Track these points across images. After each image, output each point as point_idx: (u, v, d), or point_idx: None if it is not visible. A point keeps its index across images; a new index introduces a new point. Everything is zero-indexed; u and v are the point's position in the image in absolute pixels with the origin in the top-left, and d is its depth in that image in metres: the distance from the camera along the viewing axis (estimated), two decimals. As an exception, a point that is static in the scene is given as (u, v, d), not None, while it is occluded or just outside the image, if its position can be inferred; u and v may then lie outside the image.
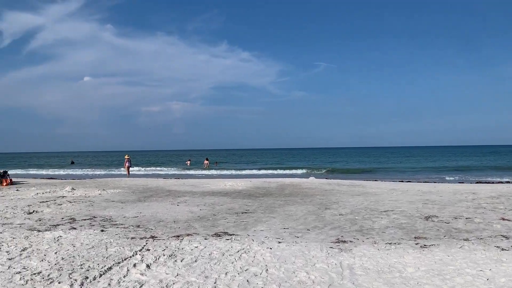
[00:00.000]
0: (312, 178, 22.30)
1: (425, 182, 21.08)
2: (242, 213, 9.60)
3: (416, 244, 6.27)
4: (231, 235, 6.98)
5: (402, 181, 21.53)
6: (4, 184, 18.28)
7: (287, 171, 36.14)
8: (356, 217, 8.86)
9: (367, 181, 20.36)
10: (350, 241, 6.55)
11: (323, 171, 35.79)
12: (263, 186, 16.85)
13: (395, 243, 6.32)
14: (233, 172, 35.99)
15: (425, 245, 6.15)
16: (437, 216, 8.79)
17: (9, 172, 20.47)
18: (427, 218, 8.65)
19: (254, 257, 5.42)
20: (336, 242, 6.47)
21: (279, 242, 6.33)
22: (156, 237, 6.76)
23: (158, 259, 5.30)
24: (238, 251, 5.71)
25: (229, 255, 5.52)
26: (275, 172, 35.80)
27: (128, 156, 29.76)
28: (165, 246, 6.01)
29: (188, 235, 6.95)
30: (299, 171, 35.59)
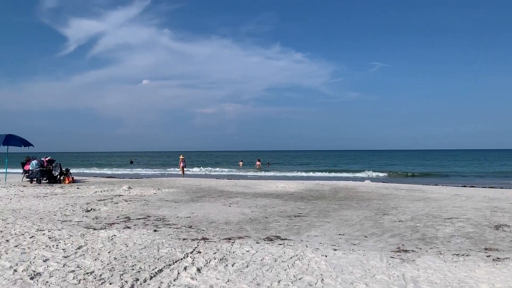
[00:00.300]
0: (367, 181, 21.52)
1: (491, 187, 19.65)
2: (295, 216, 9.31)
3: (487, 256, 5.69)
4: (283, 239, 6.72)
5: (465, 186, 20.22)
6: (67, 182, 19.18)
7: (341, 174, 35.25)
8: (417, 224, 8.29)
9: (427, 186, 19.30)
10: (413, 250, 6.07)
11: (380, 174, 34.51)
12: (316, 188, 16.44)
13: (463, 255, 5.77)
14: (285, 173, 35.70)
15: (498, 258, 5.56)
16: (508, 226, 8.02)
17: (71, 171, 21.50)
18: (497, 227, 7.92)
19: (308, 264, 5.13)
20: (397, 251, 6.02)
21: (335, 250, 5.98)
22: (208, 239, 6.65)
23: (209, 262, 5.15)
24: (291, 258, 5.44)
25: (282, 261, 5.26)
26: (328, 174, 35.07)
27: (182, 156, 30.35)
28: (216, 249, 5.87)
29: (239, 238, 6.78)
30: (354, 174, 34.54)
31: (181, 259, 5.30)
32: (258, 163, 42.72)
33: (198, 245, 6.12)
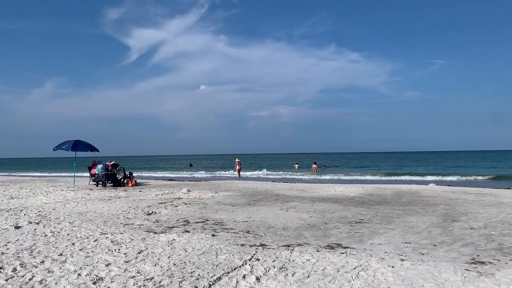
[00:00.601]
0: (432, 185, 20.40)
1: None
2: (356, 222, 8.92)
3: None
4: (345, 247, 6.40)
5: (543, 190, 18.54)
6: (130, 185, 19.90)
7: (403, 177, 33.75)
8: (492, 232, 7.62)
9: (499, 189, 17.92)
10: (490, 262, 5.53)
11: (445, 177, 32.61)
12: (377, 193, 15.78)
13: (550, 269, 5.16)
14: (343, 177, 34.83)
15: None
16: None
17: (134, 174, 22.31)
18: None
19: (374, 276, 4.80)
20: (472, 263, 5.51)
21: (402, 260, 5.58)
22: (266, 245, 6.48)
23: (268, 271, 4.98)
24: (355, 268, 5.13)
25: (345, 272, 4.97)
26: (389, 178, 33.73)
27: (238, 159, 30.56)
28: (275, 257, 5.68)
29: (298, 245, 6.55)
30: (417, 177, 32.92)
31: (240, 266, 5.18)
32: (314, 166, 42.09)
33: (256, 252, 5.97)
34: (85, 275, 4.78)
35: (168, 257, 5.63)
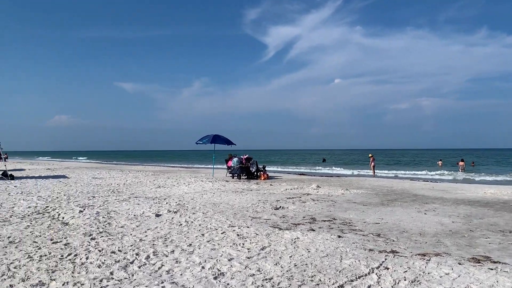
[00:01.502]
0: None
1: None
2: (510, 232, 7.59)
3: None
4: (495, 262, 5.43)
5: None
6: (262, 178, 20.47)
7: None
8: None
9: None
10: None
11: None
12: (540, 197, 13.40)
13: None
14: (494, 177, 30.72)
15: None
16: None
17: (267, 168, 22.90)
18: None
19: (533, 304, 3.91)
20: None
21: None
22: (398, 252, 5.86)
23: (398, 283, 4.43)
24: (508, 290, 4.26)
25: (494, 294, 4.16)
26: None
27: (371, 155, 29.23)
28: (408, 267, 5.07)
29: (436, 254, 5.77)
30: None
31: (365, 275, 4.72)
32: (461, 163, 37.95)
33: (386, 259, 5.42)
34: (208, 269, 4.87)
35: (290, 257, 5.45)
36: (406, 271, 4.87)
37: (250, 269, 4.88)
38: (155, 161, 66.81)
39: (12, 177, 20.24)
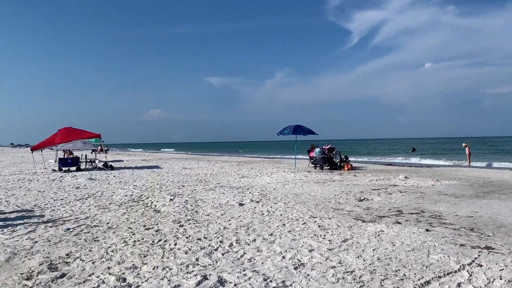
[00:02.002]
0: None
1: None
2: None
3: None
4: None
5: None
6: (346, 169, 20.05)
7: None
8: None
9: None
10: None
11: None
12: None
13: None
14: None
15: None
16: None
17: (350, 158, 22.38)
18: None
19: None
20: None
21: None
22: (493, 248, 5.41)
23: (492, 282, 4.09)
24: None
25: None
26: None
27: (466, 144, 27.22)
28: (504, 265, 4.66)
29: (540, 253, 5.23)
30: None
31: (455, 271, 4.43)
32: None
33: (479, 256, 5.03)
34: (289, 259, 4.91)
35: (373, 250, 5.29)
36: (502, 269, 4.48)
37: (331, 261, 4.83)
38: (240, 152, 68.60)
39: (112, 168, 22.11)
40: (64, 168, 21.47)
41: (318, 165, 20.83)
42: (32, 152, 21.78)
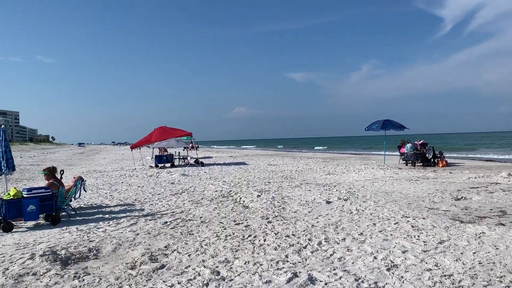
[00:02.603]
0: None
1: None
2: None
3: None
4: None
5: None
6: (440, 165, 18.87)
7: None
8: None
9: None
10: None
11: None
12: None
13: None
14: None
15: None
16: None
17: (444, 154, 21.01)
18: None
19: None
20: None
21: None
22: None
23: None
24: None
25: None
26: None
27: None
28: None
29: None
30: None
31: None
32: None
33: None
34: (381, 259, 4.77)
35: (474, 253, 4.94)
36: None
37: (426, 263, 4.61)
38: (324, 148, 67.80)
39: (203, 164, 23.15)
40: (159, 165, 23.01)
41: (410, 162, 19.84)
42: (131, 150, 23.63)
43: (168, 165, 23.19)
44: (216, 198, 10.16)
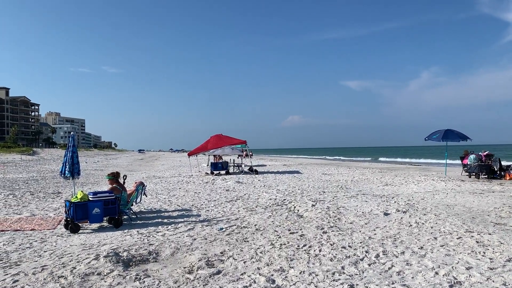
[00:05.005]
0: None
1: None
2: None
3: None
4: None
5: None
6: (507, 178, 17.73)
7: None
8: None
9: None
10: None
11: None
12: None
13: None
14: None
15: None
16: None
17: (513, 166, 19.70)
18: None
19: None
20: None
21: None
22: None
23: None
24: None
25: None
26: None
27: None
28: None
29: None
30: None
31: None
32: None
33: None
34: (443, 275, 4.57)
35: (547, 274, 4.59)
36: None
37: (493, 281, 4.34)
38: (381, 158, 65.90)
39: (257, 172, 23.34)
40: (215, 172, 23.48)
41: (473, 174, 18.82)
42: (188, 157, 24.32)
43: (223, 172, 23.61)
44: (270, 206, 10.19)
